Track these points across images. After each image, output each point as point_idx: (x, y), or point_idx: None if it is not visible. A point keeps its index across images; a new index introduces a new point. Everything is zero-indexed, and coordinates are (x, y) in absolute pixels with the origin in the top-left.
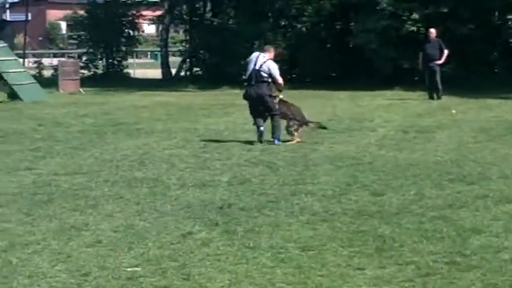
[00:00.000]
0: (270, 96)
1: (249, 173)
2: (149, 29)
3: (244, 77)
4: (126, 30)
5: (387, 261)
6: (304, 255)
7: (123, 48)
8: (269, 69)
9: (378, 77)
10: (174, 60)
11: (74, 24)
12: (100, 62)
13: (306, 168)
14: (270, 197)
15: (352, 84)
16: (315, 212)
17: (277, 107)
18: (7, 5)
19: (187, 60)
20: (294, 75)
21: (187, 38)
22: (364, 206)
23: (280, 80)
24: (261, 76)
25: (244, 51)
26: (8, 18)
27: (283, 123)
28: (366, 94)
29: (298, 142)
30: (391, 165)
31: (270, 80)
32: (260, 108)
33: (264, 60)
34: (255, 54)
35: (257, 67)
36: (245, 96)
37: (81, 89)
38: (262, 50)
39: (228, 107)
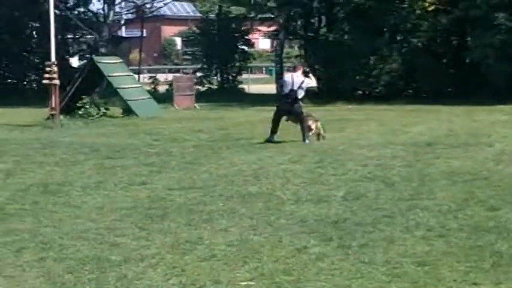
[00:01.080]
0: (301, 111)
1: (364, 188)
2: (264, 44)
3: (283, 94)
4: (240, 46)
5: (504, 276)
6: (419, 270)
7: (238, 64)
8: (306, 86)
9: (493, 92)
10: None
11: (188, 40)
12: (214, 77)
13: (421, 183)
14: (385, 212)
15: (468, 99)
16: (431, 227)
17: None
18: (122, 21)
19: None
20: (409, 91)
21: (302, 53)
22: (480, 222)
23: (315, 83)
24: (297, 95)
25: (360, 66)
26: (124, 35)
27: None
28: (482, 109)
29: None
30: (508, 180)
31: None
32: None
33: (302, 80)
34: (289, 75)
35: (295, 87)
36: (279, 110)
37: (196, 105)
38: (293, 70)
39: (343, 122)
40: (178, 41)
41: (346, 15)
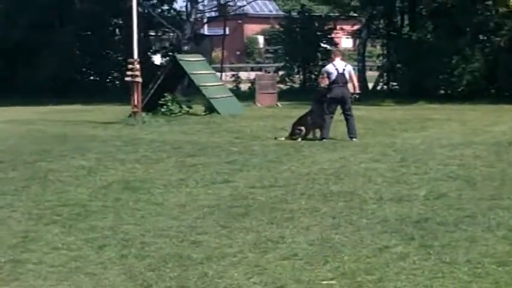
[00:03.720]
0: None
1: (446, 187)
2: (346, 43)
3: (331, 81)
4: (323, 45)
5: None
6: (501, 271)
7: (320, 63)
8: (350, 69)
9: None
10: (371, 75)
11: (270, 38)
12: (297, 76)
13: (503, 183)
14: (467, 211)
15: None
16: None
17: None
18: (205, 20)
19: (385, 74)
20: (492, 90)
21: (385, 52)
22: None
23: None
24: (346, 78)
25: (442, 66)
26: (206, 33)
27: None
28: None
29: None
30: None
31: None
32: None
33: (345, 64)
34: (330, 66)
35: (341, 71)
36: (332, 99)
37: (278, 103)
38: (332, 59)
39: (425, 122)
40: (260, 39)
41: (429, 14)
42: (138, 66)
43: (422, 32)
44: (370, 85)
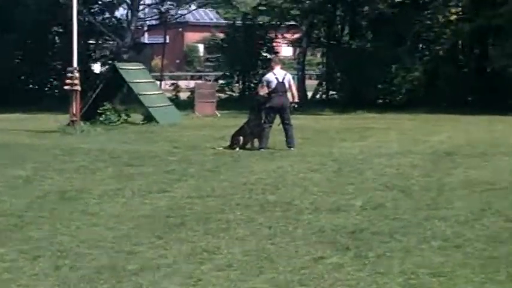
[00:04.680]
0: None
1: (383, 197)
2: (286, 51)
3: (270, 90)
4: (262, 53)
5: None
6: (435, 281)
7: (260, 71)
8: (290, 78)
9: None
10: (311, 84)
11: (211, 46)
12: (236, 85)
13: (440, 193)
14: (403, 222)
15: (488, 109)
16: (447, 237)
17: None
18: (145, 28)
19: (324, 83)
20: (430, 99)
21: (324, 61)
22: (497, 232)
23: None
24: (285, 87)
25: (381, 75)
26: (146, 41)
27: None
28: (503, 119)
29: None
30: None
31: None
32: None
33: (285, 73)
34: (269, 75)
35: (280, 80)
36: (271, 107)
37: (217, 112)
38: (271, 69)
39: (364, 131)
40: (200, 47)
41: (370, 23)
42: (77, 74)
43: (362, 40)
44: (310, 94)
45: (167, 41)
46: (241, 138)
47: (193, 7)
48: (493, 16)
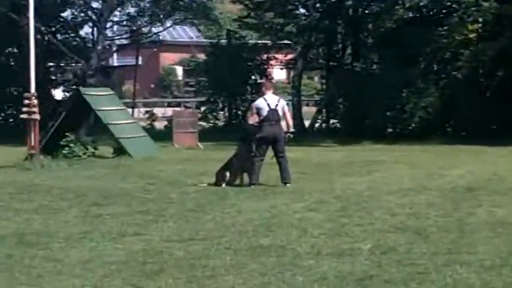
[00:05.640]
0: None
1: (394, 240)
2: (279, 74)
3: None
4: (252, 77)
5: None
6: None
7: (249, 97)
8: (284, 104)
9: None
10: (308, 111)
11: (191, 69)
12: (221, 112)
13: (461, 235)
14: (419, 267)
15: None
16: (471, 285)
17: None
18: (114, 48)
19: (324, 110)
20: (447, 129)
21: (323, 85)
22: None
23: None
24: (279, 115)
25: (390, 101)
26: (116, 63)
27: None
28: None
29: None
30: None
31: None
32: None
33: (278, 98)
34: (260, 100)
35: (273, 107)
36: (262, 138)
37: (199, 144)
38: (263, 94)
39: (370, 164)
40: (179, 70)
41: (376, 42)
42: (35, 101)
43: (366, 62)
44: (307, 123)
45: (140, 62)
46: (227, 173)
47: (168, 24)
48: None
